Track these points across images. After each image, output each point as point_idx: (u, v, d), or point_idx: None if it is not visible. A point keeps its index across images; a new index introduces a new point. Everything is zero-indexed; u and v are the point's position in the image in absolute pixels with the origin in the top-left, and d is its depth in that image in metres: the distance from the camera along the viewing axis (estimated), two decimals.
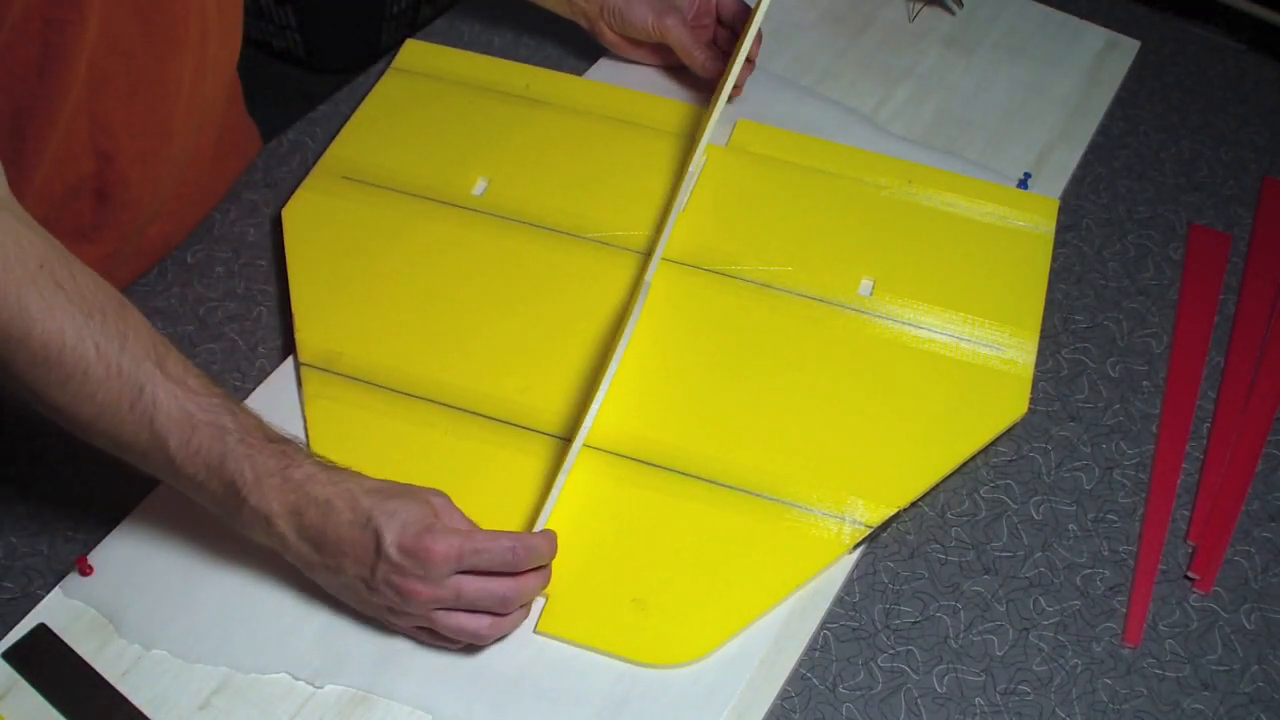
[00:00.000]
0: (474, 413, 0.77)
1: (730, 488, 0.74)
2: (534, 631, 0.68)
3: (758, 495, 0.74)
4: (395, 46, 1.03)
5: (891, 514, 0.74)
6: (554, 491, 0.70)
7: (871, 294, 0.85)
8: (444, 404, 0.77)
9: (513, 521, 0.71)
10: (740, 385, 0.79)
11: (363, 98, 0.97)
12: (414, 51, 1.01)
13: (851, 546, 0.72)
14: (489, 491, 0.72)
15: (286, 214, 0.87)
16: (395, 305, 0.82)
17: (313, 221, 0.87)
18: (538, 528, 0.68)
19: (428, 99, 0.97)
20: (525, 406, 0.77)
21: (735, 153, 0.95)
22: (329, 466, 0.65)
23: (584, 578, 0.69)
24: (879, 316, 0.84)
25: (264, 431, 0.64)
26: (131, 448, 0.62)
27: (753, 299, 0.84)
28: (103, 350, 0.60)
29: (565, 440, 0.74)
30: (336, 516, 0.62)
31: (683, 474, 0.74)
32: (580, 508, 0.72)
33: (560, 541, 0.69)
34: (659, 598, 0.69)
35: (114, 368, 0.60)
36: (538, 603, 0.69)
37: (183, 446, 0.62)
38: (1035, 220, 0.91)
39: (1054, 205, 0.93)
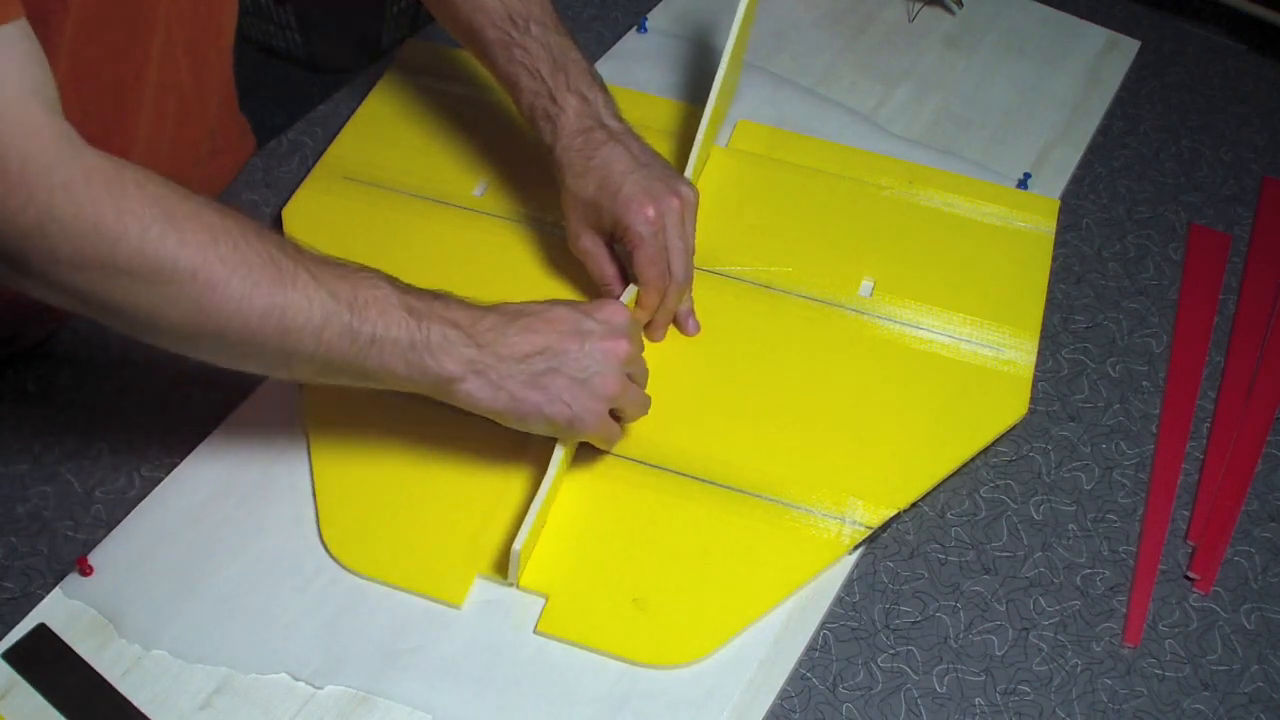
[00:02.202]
0: None
1: (730, 488, 0.74)
2: (534, 631, 0.68)
3: (758, 496, 0.74)
4: (395, 46, 1.03)
5: (891, 515, 0.73)
6: (545, 488, 0.69)
7: (872, 294, 0.85)
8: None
9: (510, 519, 0.71)
10: (740, 386, 0.79)
11: (363, 98, 0.97)
12: (414, 51, 1.01)
13: (851, 548, 0.72)
14: (488, 490, 0.72)
15: (286, 214, 0.87)
16: None
17: (313, 221, 0.87)
18: (527, 523, 0.68)
19: (428, 99, 0.97)
20: None
21: (735, 153, 0.94)
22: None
23: (584, 578, 0.69)
24: (879, 317, 0.84)
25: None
26: (304, 330, 0.63)
27: (753, 299, 0.84)
28: (252, 244, 0.62)
29: None
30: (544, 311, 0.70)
31: (683, 474, 0.74)
32: (580, 508, 0.72)
33: (560, 541, 0.69)
34: (659, 598, 0.69)
35: (265, 255, 0.62)
36: (538, 602, 0.69)
37: (352, 304, 0.64)
38: (1035, 220, 0.91)
39: (1054, 205, 0.93)
